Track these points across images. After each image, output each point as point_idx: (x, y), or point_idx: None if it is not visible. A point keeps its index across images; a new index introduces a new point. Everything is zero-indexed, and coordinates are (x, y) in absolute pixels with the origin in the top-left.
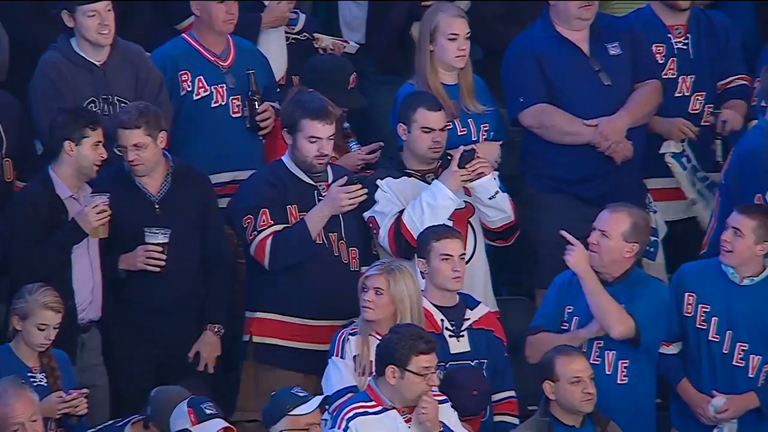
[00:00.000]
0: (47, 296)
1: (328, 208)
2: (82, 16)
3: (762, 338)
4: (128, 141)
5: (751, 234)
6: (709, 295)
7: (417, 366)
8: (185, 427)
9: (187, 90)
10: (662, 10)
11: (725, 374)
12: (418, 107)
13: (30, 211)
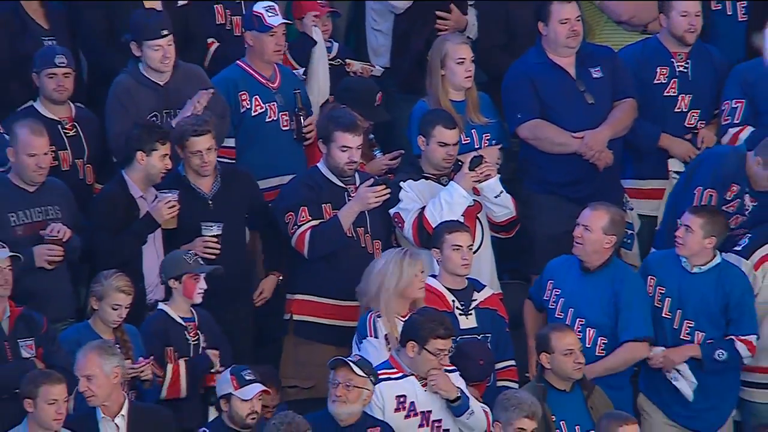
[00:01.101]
0: (120, 281)
1: (357, 206)
2: (148, 48)
3: (706, 318)
4: (201, 145)
5: (699, 230)
6: (666, 279)
7: (434, 347)
8: (228, 392)
9: (246, 108)
10: (668, 40)
11: (674, 346)
12: (437, 125)
13: (109, 208)
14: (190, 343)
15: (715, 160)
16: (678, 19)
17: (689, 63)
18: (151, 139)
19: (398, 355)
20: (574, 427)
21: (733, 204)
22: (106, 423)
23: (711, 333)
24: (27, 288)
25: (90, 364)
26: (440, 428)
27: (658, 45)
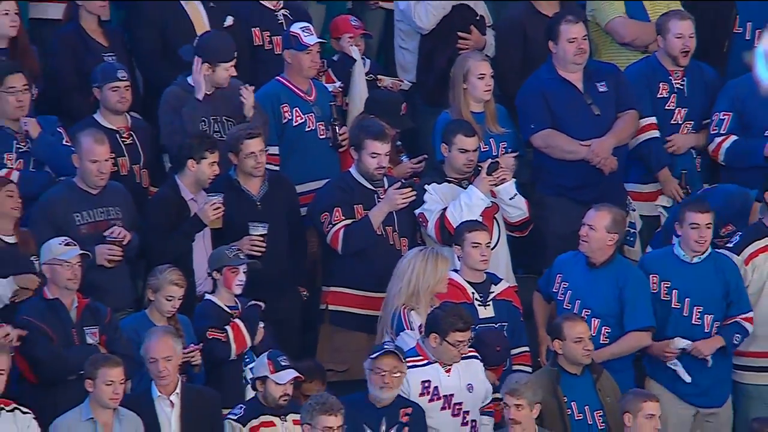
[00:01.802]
0: (173, 274)
1: (385, 207)
2: (219, 68)
3: (712, 302)
4: (255, 147)
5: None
6: (669, 273)
7: (453, 339)
8: (265, 374)
9: (287, 119)
10: (665, 59)
11: (686, 332)
12: (458, 133)
13: (162, 209)
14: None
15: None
16: (673, 41)
17: (685, 80)
18: (201, 148)
19: (423, 344)
20: (584, 407)
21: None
22: (162, 401)
23: (717, 315)
24: (91, 281)
25: (167, 347)
26: (461, 410)
27: (657, 64)
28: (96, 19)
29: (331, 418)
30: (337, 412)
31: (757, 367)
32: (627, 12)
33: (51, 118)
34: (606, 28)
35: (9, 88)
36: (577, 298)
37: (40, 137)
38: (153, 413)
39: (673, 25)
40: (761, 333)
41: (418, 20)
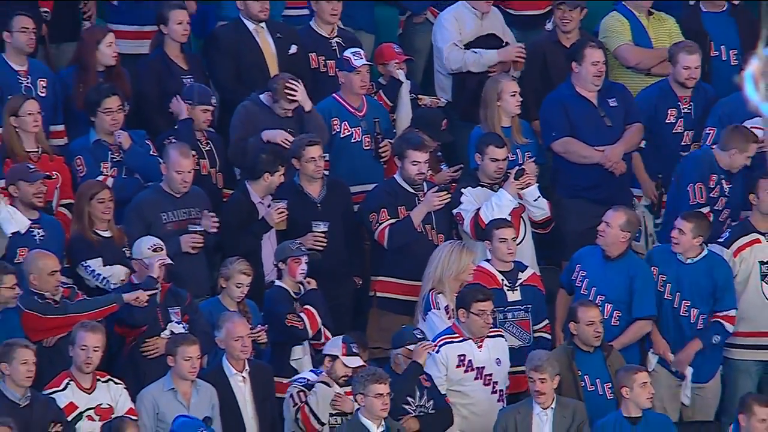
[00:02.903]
0: (242, 265)
1: (425, 208)
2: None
3: (700, 298)
4: (315, 153)
5: (689, 232)
6: (666, 269)
7: (477, 309)
8: (336, 354)
9: (336, 131)
10: (675, 85)
11: (676, 322)
12: (490, 145)
13: (235, 210)
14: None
15: (694, 162)
16: (681, 71)
17: (691, 105)
18: (276, 163)
19: (459, 323)
20: (596, 380)
21: (716, 189)
22: (236, 377)
23: (703, 309)
24: (174, 271)
25: (245, 327)
26: (491, 381)
27: (668, 89)
28: (179, 45)
29: (381, 386)
30: (385, 381)
31: (745, 345)
32: (632, 39)
33: (140, 132)
34: (614, 53)
35: (106, 109)
36: (593, 286)
37: (131, 149)
38: (229, 388)
39: (682, 57)
40: (748, 315)
41: (447, 63)
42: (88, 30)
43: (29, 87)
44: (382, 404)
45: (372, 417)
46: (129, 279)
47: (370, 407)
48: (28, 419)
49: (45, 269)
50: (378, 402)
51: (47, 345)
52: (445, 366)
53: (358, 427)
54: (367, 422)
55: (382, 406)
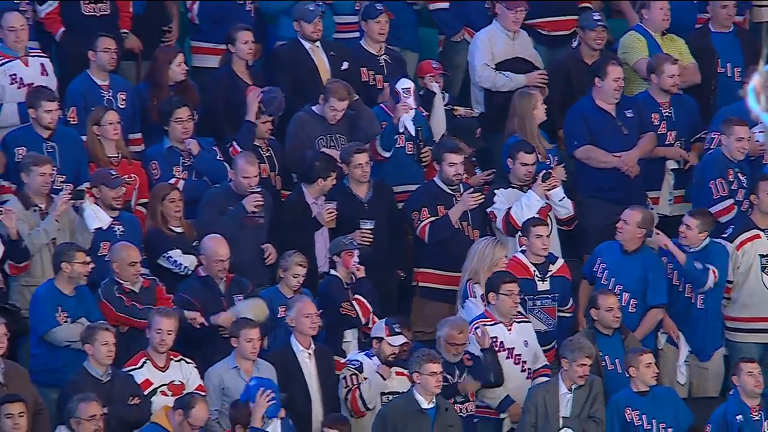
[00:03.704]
0: (298, 257)
1: (461, 207)
2: (329, 110)
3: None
4: (362, 159)
5: (695, 228)
6: (673, 259)
7: (505, 290)
8: (381, 336)
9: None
10: (656, 93)
11: (683, 304)
12: (520, 151)
13: (292, 209)
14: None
15: (712, 160)
16: (667, 79)
17: (671, 109)
18: (329, 170)
19: (490, 307)
20: (615, 360)
21: (734, 183)
22: (303, 354)
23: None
24: (239, 263)
25: (313, 306)
26: (520, 360)
27: (649, 97)
28: (244, 62)
29: (435, 365)
30: (438, 360)
31: (747, 329)
32: (649, 55)
33: (208, 140)
34: (633, 66)
35: (177, 119)
36: (612, 277)
37: (200, 154)
38: (297, 364)
39: (666, 68)
40: (750, 302)
41: (479, 80)
42: (161, 50)
43: (110, 100)
44: (435, 381)
45: (426, 393)
46: (196, 271)
47: (425, 384)
48: (109, 393)
49: (126, 259)
50: (432, 379)
51: (121, 332)
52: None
53: (412, 402)
54: (420, 398)
55: (436, 383)
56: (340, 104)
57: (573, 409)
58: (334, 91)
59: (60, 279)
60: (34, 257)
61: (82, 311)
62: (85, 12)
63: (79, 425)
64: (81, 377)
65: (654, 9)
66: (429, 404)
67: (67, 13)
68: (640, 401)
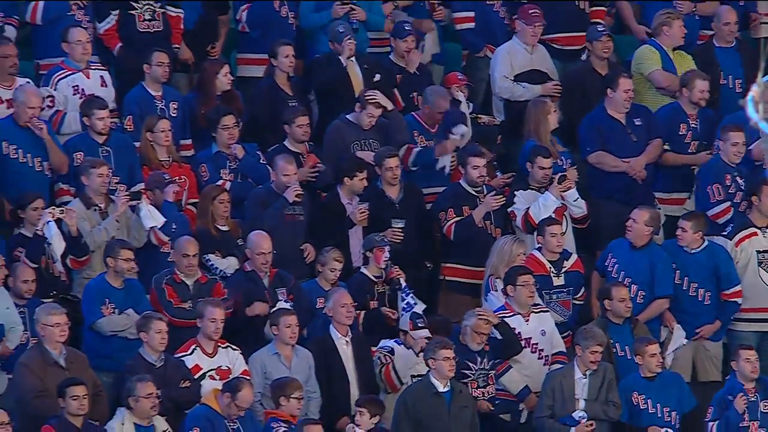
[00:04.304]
0: (335, 253)
1: (484, 208)
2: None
3: (705, 280)
4: (393, 163)
5: (690, 229)
6: (675, 258)
7: (521, 281)
8: (406, 329)
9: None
10: (687, 106)
11: (687, 300)
12: (538, 155)
13: (328, 209)
14: (378, 291)
15: (708, 167)
16: (698, 94)
17: (698, 121)
18: (353, 169)
19: (508, 299)
20: (625, 347)
21: (731, 186)
22: (341, 341)
23: (708, 288)
24: (282, 256)
25: (349, 297)
26: (537, 348)
27: (679, 109)
28: (286, 75)
29: (448, 351)
30: (451, 346)
31: (745, 319)
32: (662, 66)
33: (252, 145)
34: (648, 76)
35: (224, 126)
36: (622, 270)
37: (244, 158)
38: (336, 349)
39: (698, 83)
40: (746, 295)
41: (499, 91)
42: (208, 62)
43: (163, 109)
44: (449, 366)
45: (441, 378)
46: (243, 266)
47: (439, 369)
48: (162, 377)
49: (181, 250)
50: (446, 364)
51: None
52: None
53: (428, 386)
54: (436, 382)
55: (449, 367)
56: (376, 111)
57: (589, 393)
58: (368, 100)
59: (109, 273)
60: (95, 252)
61: (130, 303)
62: (140, 28)
63: (137, 403)
64: (137, 362)
65: (675, 27)
66: (444, 387)
67: (124, 29)
68: (646, 386)
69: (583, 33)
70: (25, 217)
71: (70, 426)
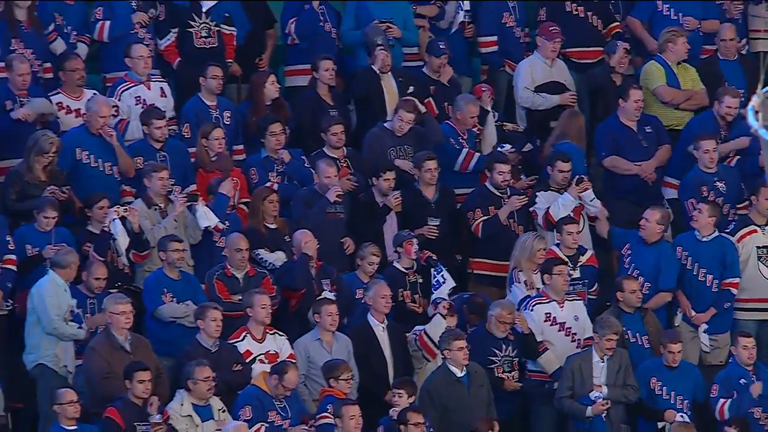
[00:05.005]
0: (373, 248)
1: (508, 207)
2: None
3: (714, 267)
4: (432, 166)
5: (706, 212)
6: (687, 246)
7: (556, 270)
8: (442, 299)
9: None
10: (720, 118)
11: (695, 285)
12: (557, 160)
13: (365, 208)
14: (409, 281)
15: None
16: (725, 108)
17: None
18: (379, 169)
19: (545, 287)
20: (636, 333)
21: (711, 194)
22: (378, 328)
23: (715, 275)
24: (323, 252)
25: (388, 289)
26: (570, 332)
27: (712, 119)
28: (327, 86)
29: (460, 341)
30: (463, 336)
31: (746, 308)
32: (666, 82)
33: (297, 150)
34: (653, 92)
35: (271, 132)
36: (633, 263)
37: (290, 162)
38: (374, 336)
39: (726, 99)
40: (748, 286)
41: (520, 101)
42: (256, 74)
43: (218, 118)
44: (463, 354)
45: (457, 365)
46: (291, 259)
47: (455, 358)
48: (217, 361)
49: (233, 245)
50: (460, 353)
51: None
52: (536, 321)
53: (448, 374)
54: (454, 369)
55: (464, 356)
56: (408, 116)
57: (608, 377)
58: (404, 104)
59: (165, 266)
60: (154, 248)
61: (189, 294)
62: (197, 45)
63: (196, 385)
64: (194, 347)
65: (679, 43)
66: (462, 373)
67: (182, 45)
68: (665, 374)
69: (596, 48)
70: (91, 215)
71: (133, 407)
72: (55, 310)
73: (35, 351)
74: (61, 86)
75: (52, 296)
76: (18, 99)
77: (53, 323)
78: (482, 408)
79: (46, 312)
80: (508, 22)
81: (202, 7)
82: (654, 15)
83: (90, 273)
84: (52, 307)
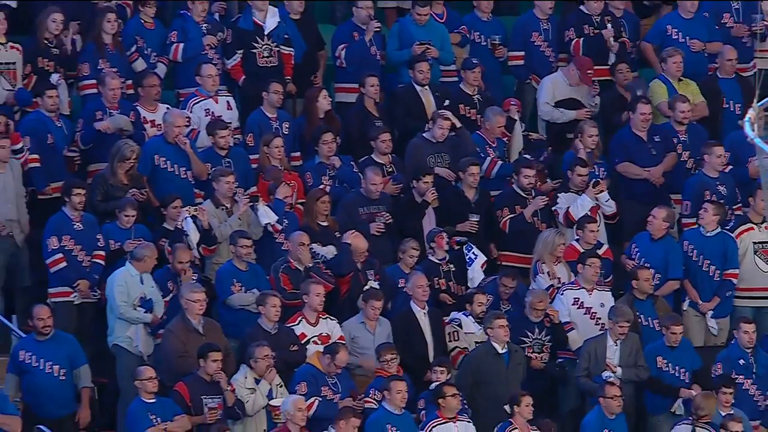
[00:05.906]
0: (413, 243)
1: (532, 207)
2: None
3: (717, 259)
4: (475, 171)
5: (711, 211)
6: (694, 240)
7: (589, 262)
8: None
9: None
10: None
11: (701, 276)
12: (577, 165)
13: (406, 207)
14: (443, 270)
15: (690, 184)
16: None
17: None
18: (418, 173)
19: (579, 277)
20: (648, 318)
21: (713, 197)
22: (420, 313)
23: (718, 266)
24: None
25: (425, 279)
26: (595, 316)
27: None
28: (373, 100)
29: (502, 320)
30: (503, 316)
31: (743, 297)
32: (668, 97)
33: (347, 157)
34: (656, 107)
35: (324, 141)
36: (642, 257)
37: (341, 167)
38: (416, 321)
39: (678, 105)
40: (744, 277)
41: (542, 114)
42: (310, 90)
43: (277, 128)
44: (504, 332)
45: (499, 342)
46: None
47: (496, 335)
48: (276, 342)
49: (296, 241)
50: (501, 331)
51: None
52: (566, 307)
53: (490, 349)
54: (496, 345)
55: (504, 333)
56: (445, 122)
57: (621, 359)
58: (440, 114)
59: (235, 258)
60: (222, 243)
61: (254, 283)
62: (260, 64)
63: (256, 363)
64: (256, 330)
65: (669, 62)
66: (503, 349)
67: (247, 64)
68: (669, 353)
69: (604, 67)
70: (166, 214)
71: (201, 382)
72: (123, 297)
73: (112, 333)
74: (139, 100)
75: (122, 285)
76: (108, 111)
77: (120, 309)
78: (517, 384)
79: (114, 299)
80: (536, 41)
81: (264, 30)
82: (664, 39)
83: (175, 258)
84: (120, 295)
